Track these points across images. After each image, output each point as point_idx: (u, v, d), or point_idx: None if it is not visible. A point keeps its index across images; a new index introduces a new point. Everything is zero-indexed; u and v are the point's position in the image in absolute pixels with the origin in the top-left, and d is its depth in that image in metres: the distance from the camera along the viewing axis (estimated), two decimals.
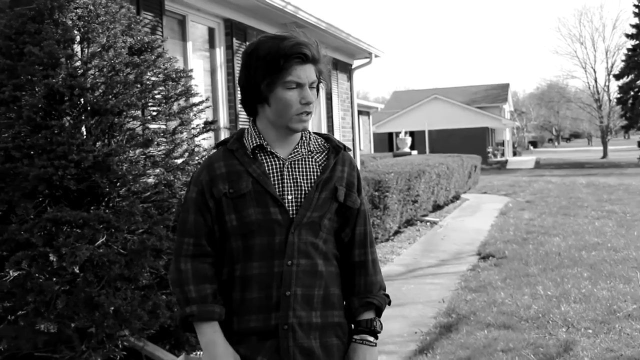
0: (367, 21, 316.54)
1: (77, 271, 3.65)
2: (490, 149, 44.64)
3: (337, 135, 12.54)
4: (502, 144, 52.40)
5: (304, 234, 1.93)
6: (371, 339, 2.02)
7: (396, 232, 10.16)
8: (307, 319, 1.93)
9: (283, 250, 1.91)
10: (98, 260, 3.65)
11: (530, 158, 50.96)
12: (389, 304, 2.11)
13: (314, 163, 2.02)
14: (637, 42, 44.25)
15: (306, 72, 1.91)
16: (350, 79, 13.66)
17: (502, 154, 49.91)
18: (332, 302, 1.99)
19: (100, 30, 4.18)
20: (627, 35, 45.20)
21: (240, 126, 8.62)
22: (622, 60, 45.99)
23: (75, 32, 4.15)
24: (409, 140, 22.41)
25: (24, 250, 3.57)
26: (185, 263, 1.96)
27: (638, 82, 43.97)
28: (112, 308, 3.60)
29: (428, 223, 11.47)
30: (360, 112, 25.53)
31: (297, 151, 2.01)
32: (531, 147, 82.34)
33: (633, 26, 44.68)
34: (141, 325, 3.73)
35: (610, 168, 31.90)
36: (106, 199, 4.12)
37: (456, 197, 15.22)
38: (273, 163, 1.98)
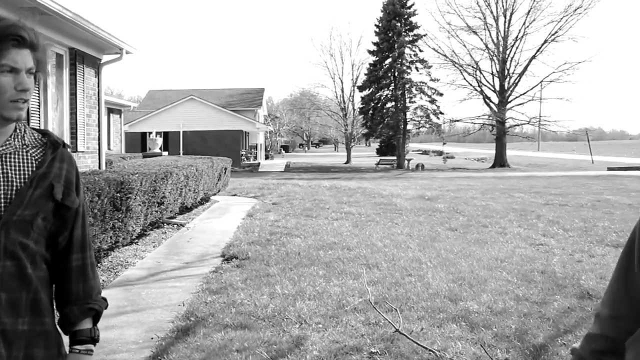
0: (122, 20, 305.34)
1: None
2: (243, 152, 45.72)
3: (82, 134, 11.81)
4: (256, 147, 53.97)
5: (12, 234, 1.74)
6: (93, 347, 1.94)
7: (141, 235, 9.84)
8: (12, 327, 1.74)
9: None
10: None
11: (281, 162, 53.15)
12: (106, 307, 2.02)
13: (29, 157, 1.84)
14: (377, 58, 48.81)
15: (23, 57, 1.74)
16: (98, 74, 12.95)
17: (255, 157, 51.38)
18: (41, 308, 1.82)
19: None
20: (369, 52, 49.66)
21: None
22: (365, 74, 50.40)
23: None
24: (160, 140, 22.04)
25: None
26: None
27: (377, 94, 48.44)
28: None
29: (175, 225, 11.30)
30: (111, 110, 24.45)
31: (10, 143, 1.81)
32: (283, 152, 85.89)
33: (374, 44, 49.32)
34: None
35: (352, 172, 34.53)
36: None
37: (205, 199, 15.23)
38: None
